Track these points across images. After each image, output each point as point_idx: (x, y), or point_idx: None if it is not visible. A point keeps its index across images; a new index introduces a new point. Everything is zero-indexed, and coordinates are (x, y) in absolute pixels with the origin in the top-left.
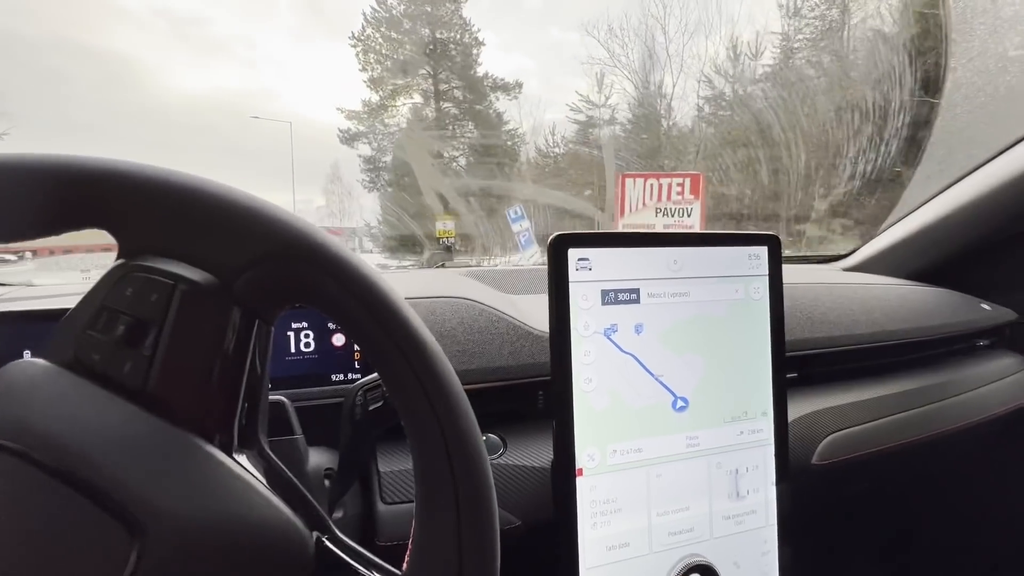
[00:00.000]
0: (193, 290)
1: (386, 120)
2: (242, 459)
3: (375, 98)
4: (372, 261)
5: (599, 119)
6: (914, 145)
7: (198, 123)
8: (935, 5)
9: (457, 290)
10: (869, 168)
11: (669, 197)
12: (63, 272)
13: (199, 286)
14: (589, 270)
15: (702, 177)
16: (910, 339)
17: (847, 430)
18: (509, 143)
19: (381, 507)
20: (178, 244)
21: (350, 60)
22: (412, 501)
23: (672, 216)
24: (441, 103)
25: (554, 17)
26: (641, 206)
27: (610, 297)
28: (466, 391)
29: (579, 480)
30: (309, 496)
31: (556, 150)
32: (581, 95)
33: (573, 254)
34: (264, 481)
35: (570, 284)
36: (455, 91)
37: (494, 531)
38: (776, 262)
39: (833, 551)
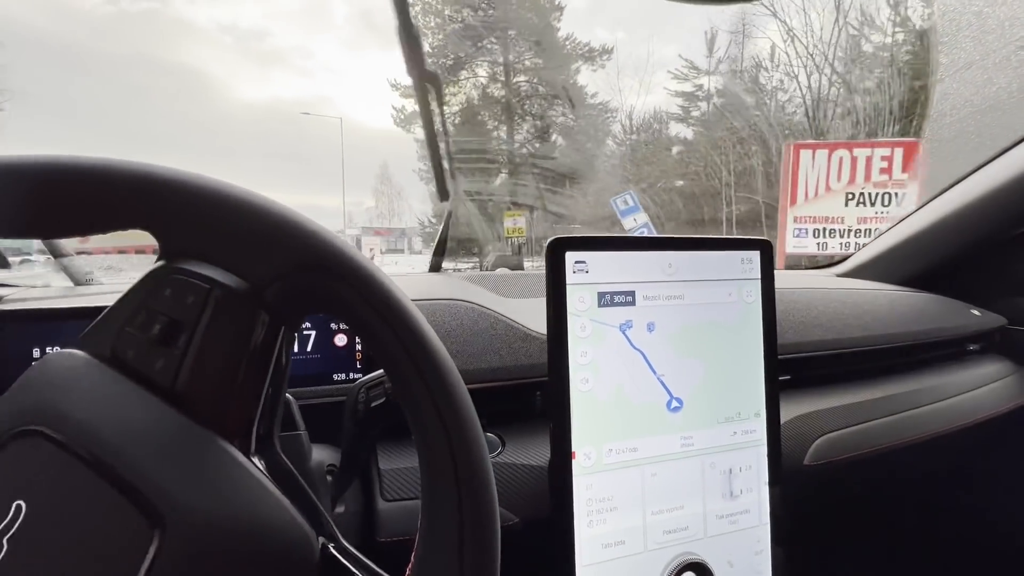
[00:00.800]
0: (226, 295)
1: (447, 98)
2: (258, 461)
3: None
4: (422, 264)
5: (704, 91)
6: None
7: (258, 130)
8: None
9: (457, 293)
10: None
11: (868, 177)
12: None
13: (232, 291)
14: (586, 272)
15: (920, 146)
16: (900, 343)
17: (839, 431)
18: (600, 118)
19: (381, 504)
20: (215, 250)
21: (395, 85)
22: (411, 499)
23: (872, 205)
24: (513, 77)
25: None
26: (824, 191)
27: (606, 299)
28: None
29: (575, 478)
30: (318, 502)
31: (657, 126)
32: (685, 60)
33: (570, 257)
34: (276, 484)
35: (567, 287)
36: (527, 61)
37: (495, 534)
38: (768, 266)
39: (826, 551)
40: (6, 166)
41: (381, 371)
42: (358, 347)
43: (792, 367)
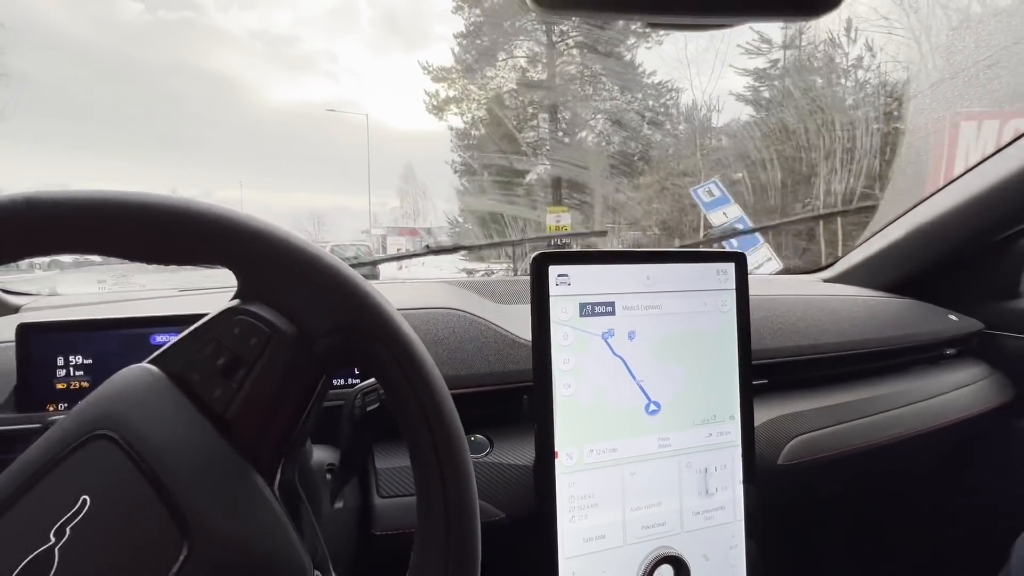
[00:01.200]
0: (284, 341)
1: (484, 82)
2: (277, 492)
3: (469, 55)
4: (450, 266)
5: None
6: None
7: (286, 133)
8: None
9: (450, 301)
10: None
11: None
12: (83, 277)
13: (289, 339)
14: (568, 285)
15: None
16: (876, 348)
17: (812, 433)
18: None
19: (378, 500)
20: (282, 299)
21: (427, 68)
22: (405, 495)
23: None
24: (559, 56)
25: None
26: None
27: (587, 309)
28: (456, 395)
29: (558, 477)
30: (319, 532)
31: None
32: (756, 33)
33: (553, 271)
34: (289, 515)
35: (550, 298)
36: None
37: (476, 526)
38: (742, 277)
39: (800, 546)
40: (141, 204)
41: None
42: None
43: (769, 371)
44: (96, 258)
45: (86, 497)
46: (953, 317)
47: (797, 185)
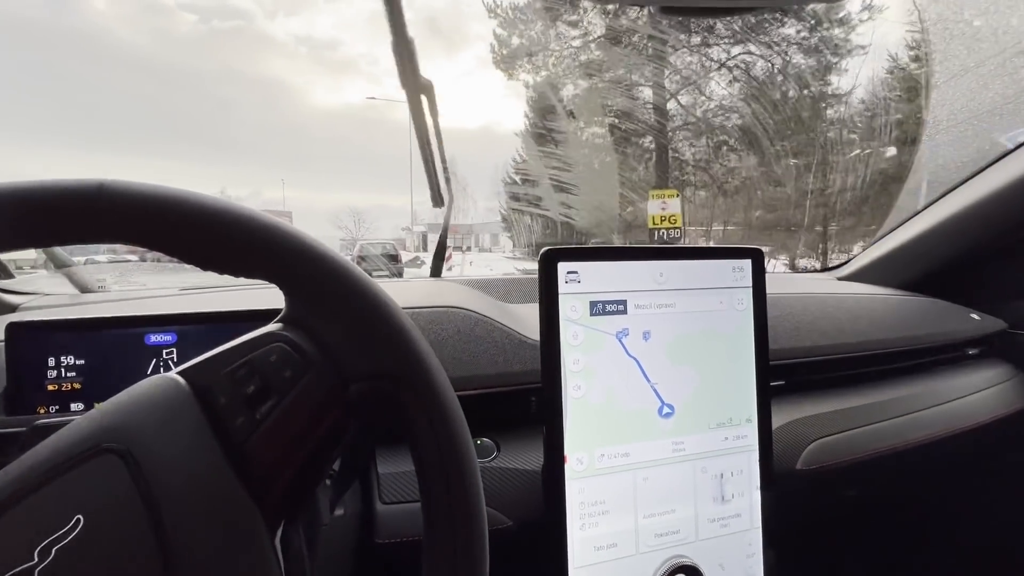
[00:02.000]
0: (319, 379)
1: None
2: (277, 543)
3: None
4: (506, 266)
5: None
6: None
7: (330, 134)
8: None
9: (456, 300)
10: None
11: None
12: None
13: (325, 377)
14: (578, 283)
15: None
16: (897, 348)
17: (832, 436)
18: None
19: (380, 507)
20: (329, 334)
21: (458, 69)
22: (409, 501)
23: None
24: None
25: None
26: None
27: (598, 308)
28: (462, 397)
29: (568, 482)
30: None
31: None
32: None
33: (562, 268)
34: (283, 569)
35: (559, 296)
36: None
37: (484, 554)
38: (759, 274)
39: (819, 555)
40: (210, 210)
41: None
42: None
43: (786, 372)
44: (100, 257)
45: (80, 517)
46: (975, 316)
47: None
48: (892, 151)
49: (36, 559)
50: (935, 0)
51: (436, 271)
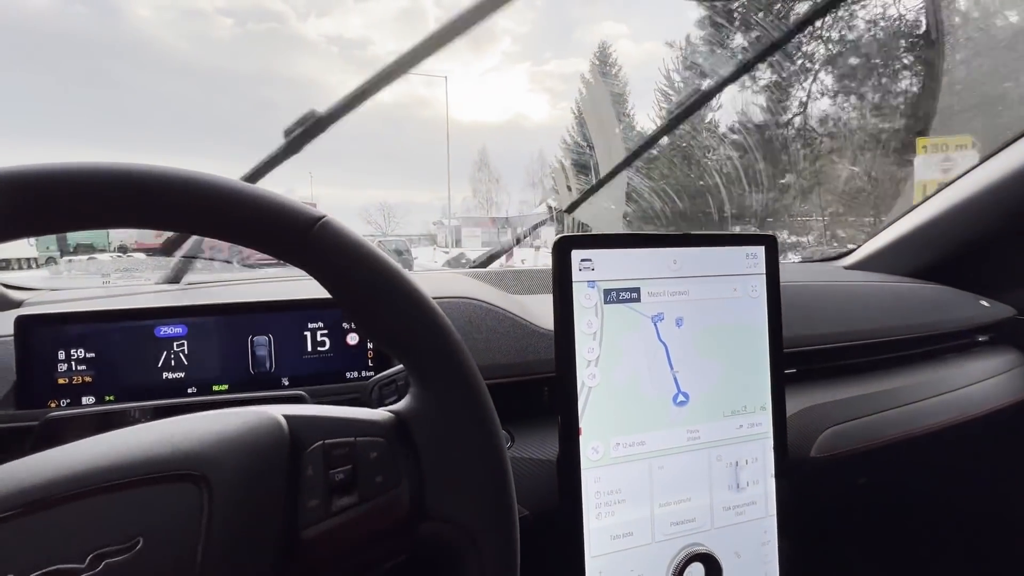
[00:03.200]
0: (402, 501)
1: None
2: None
3: None
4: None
5: None
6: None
7: (363, 132)
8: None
9: (465, 291)
10: None
11: None
12: (88, 276)
13: (408, 503)
14: (592, 270)
15: None
16: (907, 335)
17: (845, 423)
18: None
19: None
20: (432, 462)
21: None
22: None
23: None
24: None
25: None
26: None
27: (612, 295)
28: None
29: (583, 472)
30: None
31: None
32: None
33: (576, 255)
34: None
35: (573, 284)
36: None
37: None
38: (773, 261)
39: (834, 541)
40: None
41: (393, 370)
42: (369, 345)
43: (798, 360)
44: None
45: (141, 539)
46: (984, 303)
47: None
48: None
49: (85, 565)
50: None
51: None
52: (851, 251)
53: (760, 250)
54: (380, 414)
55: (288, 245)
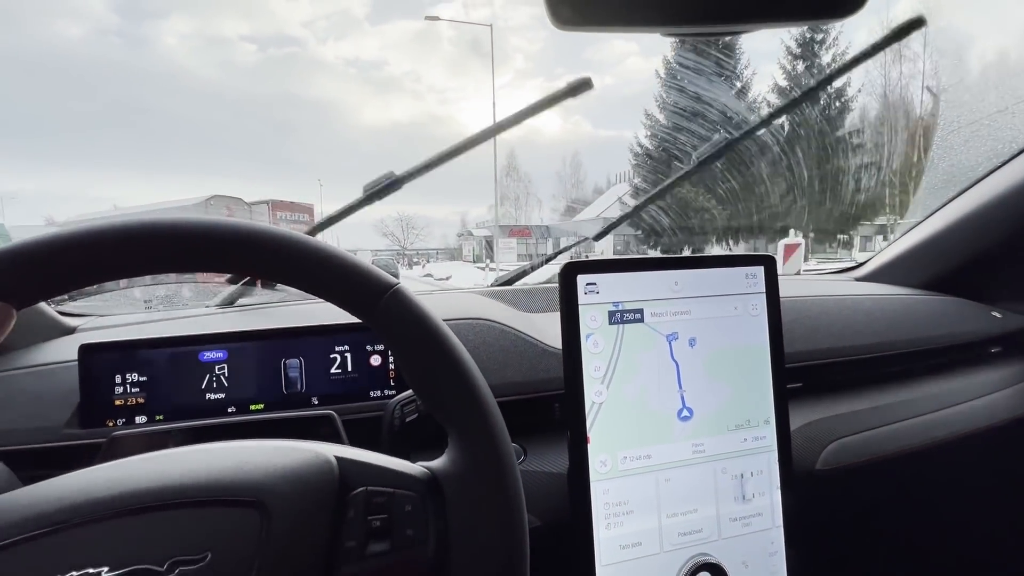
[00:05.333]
0: (427, 555)
1: None
2: None
3: None
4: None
5: None
6: None
7: (381, 151)
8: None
9: (479, 312)
10: None
11: None
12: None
13: (432, 557)
14: (597, 293)
15: None
16: (915, 348)
17: (851, 436)
18: None
19: None
20: (460, 525)
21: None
22: None
23: None
24: None
25: None
26: None
27: (616, 317)
28: None
29: (593, 484)
30: None
31: None
32: None
33: (582, 280)
34: None
35: (580, 307)
36: None
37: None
38: (772, 280)
39: (841, 554)
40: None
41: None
42: (391, 366)
43: (804, 374)
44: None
45: (210, 553)
46: (996, 314)
47: None
48: None
49: (164, 569)
50: None
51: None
52: (862, 263)
53: (759, 270)
54: (417, 469)
55: (362, 307)
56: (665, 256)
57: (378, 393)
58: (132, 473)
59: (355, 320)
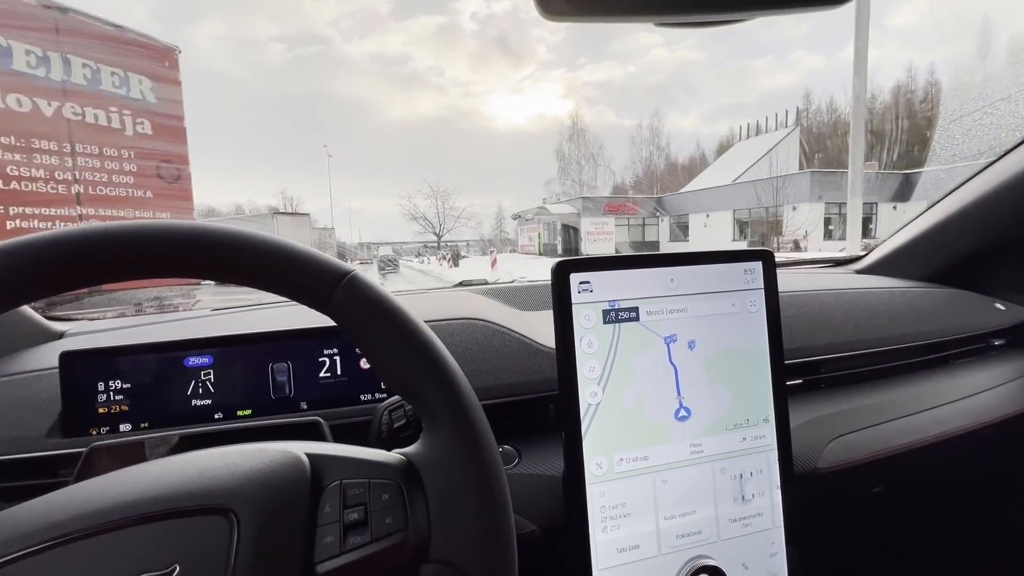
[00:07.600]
0: (408, 543)
1: None
2: None
3: None
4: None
5: None
6: None
7: (409, 145)
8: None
9: (473, 311)
10: None
11: None
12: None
13: (412, 548)
14: (590, 292)
15: None
16: (918, 342)
17: (853, 434)
18: None
19: None
20: (440, 507)
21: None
22: None
23: None
24: None
25: None
26: None
27: (611, 316)
28: (483, 406)
29: (588, 487)
30: None
31: None
32: None
33: (575, 279)
34: None
35: (573, 306)
36: None
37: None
38: (771, 275)
39: (844, 552)
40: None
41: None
42: None
43: (803, 371)
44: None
45: (177, 566)
46: (999, 306)
47: None
48: None
49: None
50: None
51: None
52: (863, 255)
53: (758, 265)
54: (393, 457)
55: (318, 297)
56: (660, 253)
57: (369, 397)
58: (92, 494)
59: None
